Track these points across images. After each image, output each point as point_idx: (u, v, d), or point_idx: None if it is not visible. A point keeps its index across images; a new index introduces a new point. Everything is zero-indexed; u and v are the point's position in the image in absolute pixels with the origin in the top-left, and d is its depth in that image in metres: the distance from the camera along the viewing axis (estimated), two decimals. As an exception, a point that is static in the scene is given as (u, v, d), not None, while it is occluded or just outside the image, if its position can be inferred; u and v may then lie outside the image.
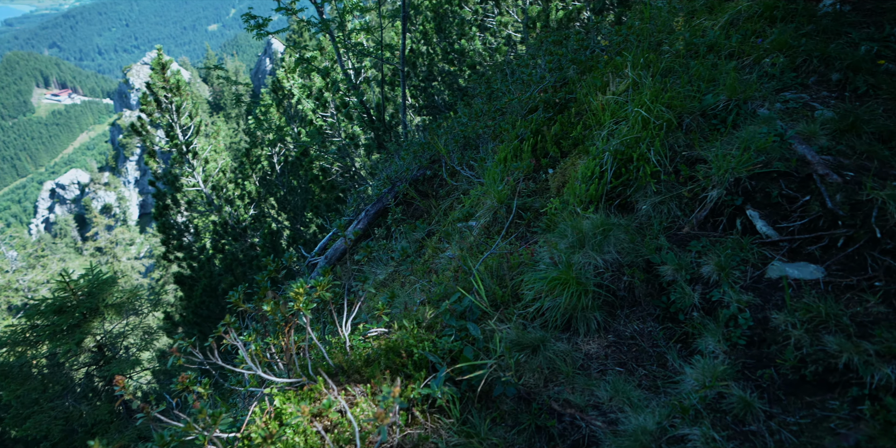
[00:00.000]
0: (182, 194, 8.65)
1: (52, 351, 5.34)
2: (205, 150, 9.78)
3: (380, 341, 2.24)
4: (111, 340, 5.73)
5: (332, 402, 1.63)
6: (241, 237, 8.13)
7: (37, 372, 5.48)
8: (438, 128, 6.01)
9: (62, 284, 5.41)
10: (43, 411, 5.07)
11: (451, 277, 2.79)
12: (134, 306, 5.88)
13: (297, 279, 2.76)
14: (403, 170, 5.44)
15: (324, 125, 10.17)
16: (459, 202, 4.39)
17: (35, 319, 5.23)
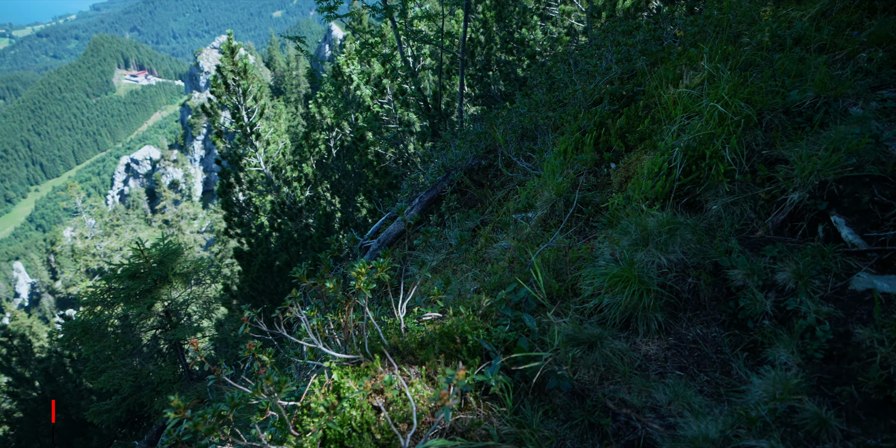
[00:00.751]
0: (245, 173, 9.05)
1: (126, 313, 5.80)
2: (267, 132, 10.16)
3: (434, 326, 2.27)
4: (176, 307, 6.13)
5: (393, 379, 1.67)
6: (297, 218, 8.43)
7: (111, 331, 5.97)
8: (496, 118, 5.94)
9: (137, 252, 5.83)
10: (115, 367, 5.54)
11: (505, 268, 2.78)
12: (198, 276, 6.26)
13: (358, 260, 2.83)
14: (459, 158, 5.43)
15: (380, 111, 10.31)
16: (514, 193, 4.34)
17: (112, 282, 5.68)
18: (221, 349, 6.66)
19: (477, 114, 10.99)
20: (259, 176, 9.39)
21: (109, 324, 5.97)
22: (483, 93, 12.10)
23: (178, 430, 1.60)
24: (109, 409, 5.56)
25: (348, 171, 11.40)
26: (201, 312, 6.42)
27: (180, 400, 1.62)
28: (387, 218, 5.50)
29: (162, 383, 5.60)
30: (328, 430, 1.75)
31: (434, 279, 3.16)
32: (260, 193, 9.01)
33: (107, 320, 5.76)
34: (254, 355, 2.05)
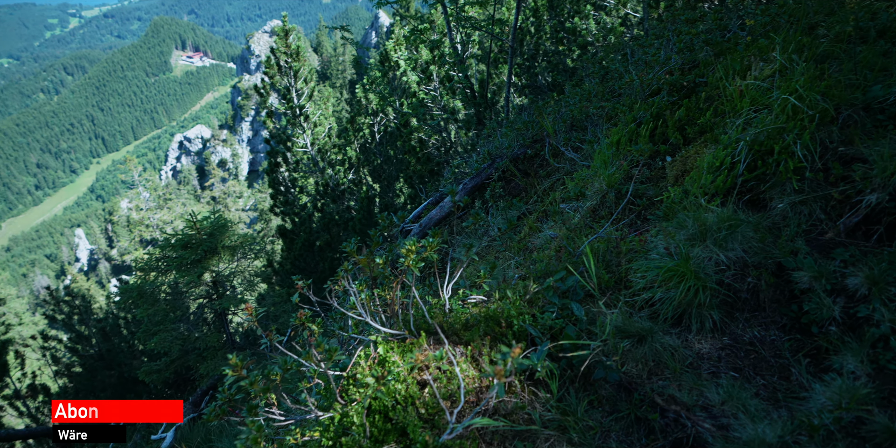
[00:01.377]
0: (292, 154, 9.26)
1: (176, 281, 6.10)
2: (314, 114, 10.33)
3: (478, 308, 2.26)
4: (223, 278, 6.39)
5: (443, 355, 1.67)
6: (339, 199, 8.57)
7: (163, 297, 6.30)
8: (545, 107, 5.81)
9: (190, 223, 6.08)
10: (166, 331, 5.85)
11: (552, 256, 2.72)
12: (244, 251, 6.49)
13: (399, 242, 2.85)
14: (505, 146, 5.35)
15: (426, 98, 10.29)
16: (561, 184, 4.25)
17: (166, 251, 5.97)
18: (263, 322, 6.89)
19: (522, 104, 10.81)
20: (305, 157, 9.58)
21: (161, 290, 6.30)
22: (529, 83, 11.87)
23: (232, 388, 1.66)
24: (159, 369, 5.91)
25: (390, 156, 11.47)
26: (245, 285, 6.67)
27: (238, 359, 1.67)
28: (429, 203, 5.51)
29: (207, 349, 5.89)
30: (374, 400, 1.77)
31: (478, 263, 3.15)
32: (305, 174, 9.21)
33: (159, 286, 6.10)
34: (304, 324, 2.10)
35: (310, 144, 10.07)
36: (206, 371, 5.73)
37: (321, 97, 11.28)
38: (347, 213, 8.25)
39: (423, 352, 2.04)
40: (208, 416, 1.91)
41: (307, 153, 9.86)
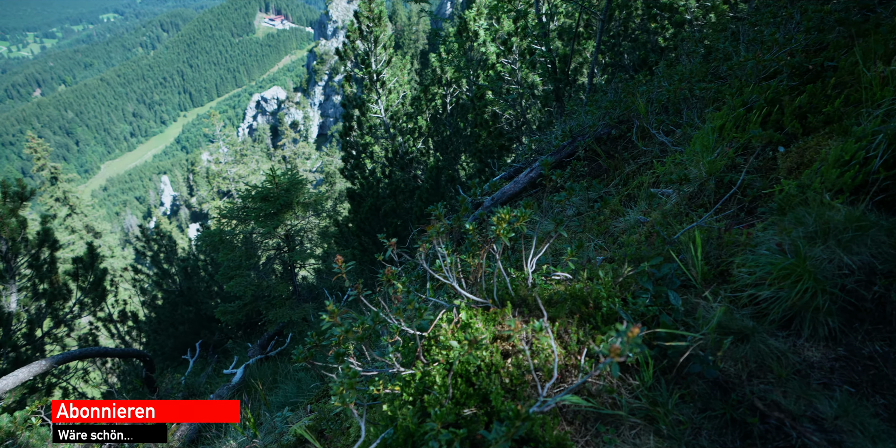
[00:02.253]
0: (365, 119, 9.35)
1: (253, 230, 6.43)
2: (391, 81, 10.31)
3: (562, 286, 2.17)
4: (294, 233, 6.66)
5: (542, 326, 1.61)
6: (406, 168, 8.61)
7: (240, 244, 6.68)
8: (637, 85, 5.43)
9: (269, 177, 6.33)
10: (241, 276, 6.24)
11: (640, 241, 2.56)
12: (315, 209, 6.70)
13: (469, 214, 2.78)
14: (588, 125, 5.08)
15: (503, 71, 9.96)
16: (648, 168, 3.98)
17: (247, 202, 6.28)
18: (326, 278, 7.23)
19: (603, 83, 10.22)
20: (378, 122, 9.65)
21: (239, 239, 6.68)
22: (614, 61, 11.18)
23: (326, 334, 1.69)
24: (233, 310, 6.35)
25: (459, 128, 11.32)
26: (314, 241, 6.94)
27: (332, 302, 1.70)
28: (501, 177, 5.39)
29: (275, 298, 6.25)
30: (457, 364, 1.76)
31: (562, 241, 3.04)
32: (376, 139, 9.29)
33: (237, 235, 6.46)
34: (389, 280, 2.11)
35: (383, 111, 10.11)
36: (274, 317, 6.09)
37: (399, 64, 11.21)
38: (413, 182, 8.28)
39: (503, 322, 2.00)
40: (296, 358, 1.98)
41: (380, 119, 9.92)
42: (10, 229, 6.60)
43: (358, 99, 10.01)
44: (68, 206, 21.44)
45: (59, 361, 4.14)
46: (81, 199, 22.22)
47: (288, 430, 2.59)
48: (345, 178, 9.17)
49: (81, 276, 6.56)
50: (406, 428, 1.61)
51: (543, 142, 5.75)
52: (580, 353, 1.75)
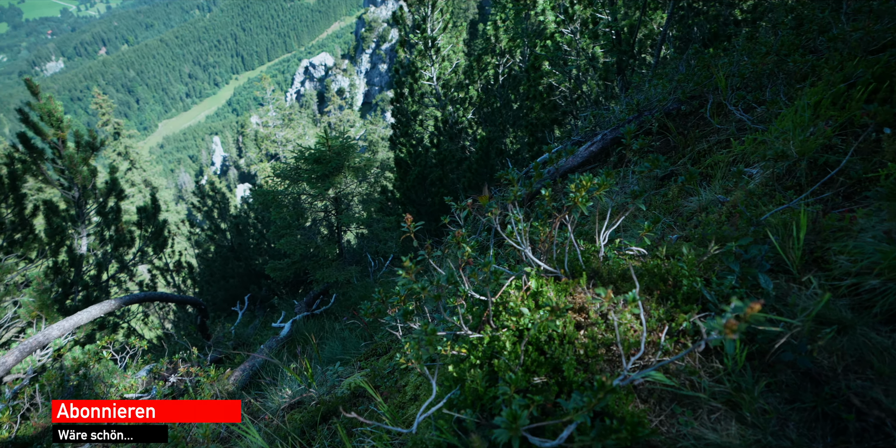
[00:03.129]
0: (417, 86, 9.17)
1: (304, 191, 6.53)
2: (445, 48, 10.02)
3: (637, 261, 2.05)
4: (343, 196, 6.72)
5: (634, 297, 1.51)
6: (455, 138, 8.45)
7: (291, 204, 6.81)
8: (713, 58, 5.02)
9: (322, 140, 6.35)
10: (291, 235, 6.39)
11: (720, 221, 2.39)
12: (365, 174, 6.71)
13: (519, 186, 2.65)
14: (656, 99, 4.77)
15: (562, 41, 9.48)
16: (723, 146, 3.70)
17: (300, 163, 6.35)
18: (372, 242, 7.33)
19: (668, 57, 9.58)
20: (429, 90, 9.45)
21: (290, 199, 6.80)
22: (682, 34, 10.43)
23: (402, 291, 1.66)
24: (282, 267, 6.56)
25: (510, 100, 10.98)
26: (363, 206, 6.99)
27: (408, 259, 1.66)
28: (557, 151, 5.18)
29: (322, 259, 6.38)
30: (527, 331, 1.70)
31: (634, 215, 2.89)
32: (427, 107, 9.13)
33: (288, 195, 6.58)
34: (459, 242, 2.05)
35: (435, 79, 9.89)
36: (321, 277, 6.25)
37: (454, 31, 10.86)
38: (461, 152, 8.14)
39: (574, 293, 1.91)
40: (364, 312, 1.97)
41: (432, 87, 9.72)
42: (83, 177, 6.96)
43: (411, 65, 9.82)
44: (129, 161, 22.54)
45: (126, 302, 4.39)
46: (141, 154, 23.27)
47: (340, 384, 2.63)
48: (392, 145, 9.12)
49: (144, 226, 6.90)
50: (475, 390, 1.58)
51: (604, 115, 5.46)
52: (660, 331, 1.65)
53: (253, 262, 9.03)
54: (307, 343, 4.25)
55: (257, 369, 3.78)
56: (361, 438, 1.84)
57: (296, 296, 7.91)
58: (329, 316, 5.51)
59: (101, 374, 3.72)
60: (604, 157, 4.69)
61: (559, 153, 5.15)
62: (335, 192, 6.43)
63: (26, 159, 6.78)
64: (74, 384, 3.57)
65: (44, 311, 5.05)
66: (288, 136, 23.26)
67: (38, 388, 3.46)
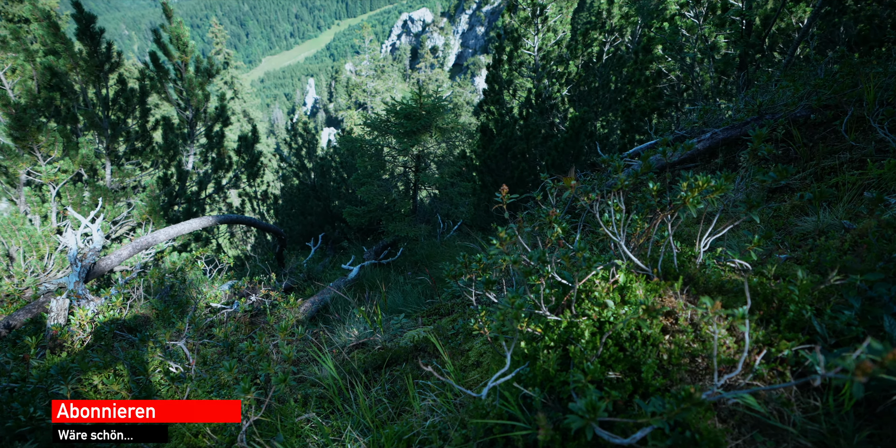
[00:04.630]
0: (517, 54, 8.78)
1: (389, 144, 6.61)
2: (553, 18, 9.46)
3: (737, 274, 1.89)
4: (426, 155, 6.73)
5: (744, 313, 1.40)
6: (546, 113, 8.10)
7: (374, 155, 6.95)
8: (863, 65, 4.34)
9: (415, 96, 6.32)
10: (371, 184, 6.55)
11: (842, 249, 2.13)
12: (450, 136, 6.65)
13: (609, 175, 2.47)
14: (782, 103, 4.25)
15: (681, 25, 8.62)
16: (856, 167, 3.26)
17: (390, 116, 6.39)
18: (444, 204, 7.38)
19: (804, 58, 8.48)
20: (528, 60, 9.04)
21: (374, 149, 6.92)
22: (824, 33, 9.12)
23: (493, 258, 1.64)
24: (358, 214, 6.80)
25: (610, 81, 10.30)
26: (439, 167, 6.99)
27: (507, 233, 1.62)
28: (653, 143, 4.82)
29: (396, 212, 6.53)
30: (609, 324, 1.64)
31: (744, 226, 2.66)
32: (522, 77, 8.77)
33: (375, 145, 6.70)
34: (550, 223, 1.98)
35: (536, 49, 9.42)
36: (392, 230, 6.41)
37: (566, 2, 10.20)
38: (549, 129, 7.81)
39: (663, 296, 1.81)
40: (447, 274, 1.98)
41: (532, 57, 9.28)
42: (198, 100, 7.44)
43: (514, 31, 9.39)
44: (233, 90, 23.85)
45: (221, 221, 4.75)
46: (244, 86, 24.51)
47: (403, 335, 2.71)
48: (479, 110, 8.92)
49: (242, 153, 7.34)
50: (545, 371, 1.56)
51: (716, 112, 4.97)
52: (757, 353, 1.53)
53: (331, 204, 9.41)
54: (373, 289, 4.43)
55: (326, 303, 4.01)
56: (422, 391, 1.90)
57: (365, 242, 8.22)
58: (394, 268, 5.69)
59: (193, 280, 4.09)
60: (708, 157, 4.30)
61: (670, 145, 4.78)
62: (418, 150, 6.45)
63: (153, 77, 7.32)
64: (170, 284, 3.97)
65: (152, 215, 5.59)
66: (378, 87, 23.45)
67: (142, 282, 3.86)
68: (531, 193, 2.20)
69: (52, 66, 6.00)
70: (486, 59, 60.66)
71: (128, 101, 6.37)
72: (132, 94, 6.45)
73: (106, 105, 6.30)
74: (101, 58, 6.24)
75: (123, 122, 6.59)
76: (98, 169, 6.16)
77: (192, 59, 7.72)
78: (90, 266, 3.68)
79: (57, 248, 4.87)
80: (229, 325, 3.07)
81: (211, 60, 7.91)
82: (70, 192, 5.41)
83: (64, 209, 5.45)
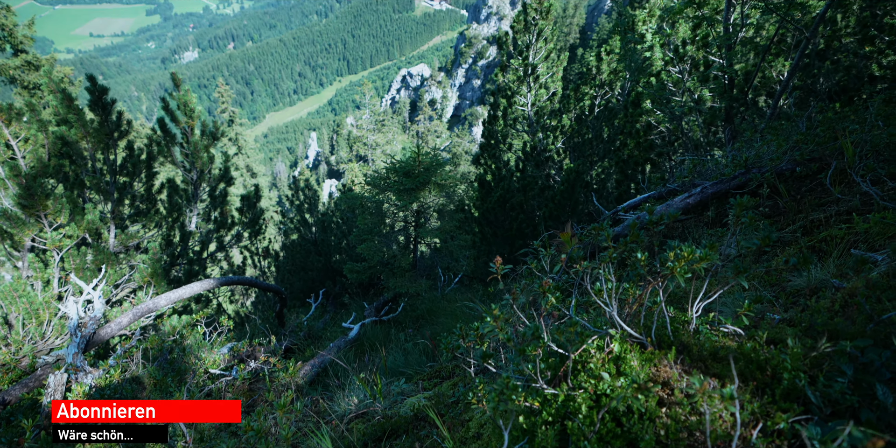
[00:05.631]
0: (511, 110, 9.27)
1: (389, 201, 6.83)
2: (544, 76, 10.06)
3: (731, 340, 1.94)
4: (425, 209, 6.94)
5: (732, 394, 1.45)
6: (542, 165, 8.42)
7: (374, 210, 7.16)
8: (840, 120, 4.61)
9: (413, 155, 6.62)
10: (371, 240, 6.70)
11: (833, 310, 2.19)
12: (448, 191, 6.89)
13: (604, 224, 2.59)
14: (768, 157, 4.47)
15: (668, 80, 9.17)
16: (844, 221, 3.38)
17: (390, 174, 6.67)
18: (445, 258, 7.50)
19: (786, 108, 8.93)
20: (522, 115, 9.52)
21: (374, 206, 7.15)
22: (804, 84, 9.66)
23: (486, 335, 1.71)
24: (359, 270, 6.90)
25: (602, 132, 10.76)
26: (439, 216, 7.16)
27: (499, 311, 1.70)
28: (649, 196, 5.00)
29: (397, 268, 6.63)
30: (606, 397, 1.68)
31: (736, 289, 2.74)
32: (517, 132, 9.20)
33: (375, 201, 6.92)
34: (544, 293, 2.06)
35: (530, 105, 9.95)
36: (393, 286, 6.48)
37: (556, 61, 10.89)
38: (545, 180, 8.09)
39: (659, 366, 1.85)
40: (444, 346, 2.04)
41: (525, 112, 9.78)
42: (202, 162, 7.79)
43: (508, 89, 9.96)
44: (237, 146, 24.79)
45: (222, 283, 4.83)
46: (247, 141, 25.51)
47: (403, 402, 2.71)
48: (477, 163, 9.28)
49: (245, 212, 7.57)
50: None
51: (706, 164, 5.20)
52: (753, 427, 1.56)
53: (332, 259, 9.54)
54: (373, 350, 4.42)
55: (326, 366, 3.99)
56: (424, 468, 1.90)
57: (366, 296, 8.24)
58: (395, 324, 5.69)
59: (192, 345, 4.11)
60: (700, 210, 4.46)
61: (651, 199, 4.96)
62: (417, 205, 6.66)
63: (161, 142, 7.71)
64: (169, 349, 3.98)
65: (154, 278, 5.68)
66: (378, 140, 24.40)
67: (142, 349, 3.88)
68: (529, 248, 2.30)
69: (63, 136, 6.36)
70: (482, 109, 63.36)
71: (135, 166, 6.68)
72: (139, 159, 6.78)
73: (113, 171, 6.60)
74: (112, 126, 6.63)
75: (130, 186, 6.86)
76: (102, 232, 6.34)
77: (199, 124, 8.16)
78: (90, 335, 3.72)
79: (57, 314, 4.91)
80: (227, 397, 3.06)
81: (217, 124, 8.35)
82: (74, 257, 5.54)
83: (66, 274, 5.55)
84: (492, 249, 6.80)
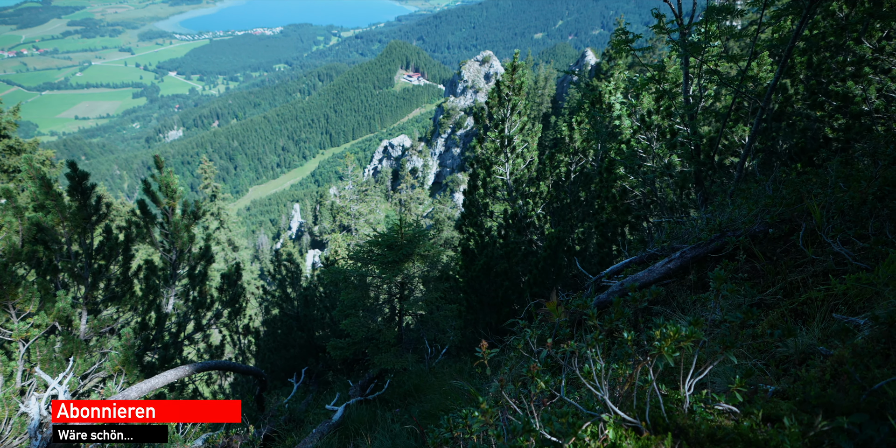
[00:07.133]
0: (490, 180, 9.67)
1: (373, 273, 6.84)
2: (520, 146, 10.65)
3: (727, 418, 1.92)
4: (409, 280, 6.93)
5: None
6: (523, 231, 8.64)
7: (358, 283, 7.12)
8: (806, 183, 4.93)
9: (396, 228, 6.76)
10: (355, 316, 6.59)
11: (824, 380, 2.20)
12: (432, 261, 6.95)
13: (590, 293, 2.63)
14: (741, 221, 4.69)
15: (637, 147, 9.78)
16: (821, 281, 3.49)
17: (373, 247, 6.74)
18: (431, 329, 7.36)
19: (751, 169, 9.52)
20: (501, 184, 9.92)
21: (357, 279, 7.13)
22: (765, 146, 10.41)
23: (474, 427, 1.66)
24: (343, 347, 6.68)
25: (579, 197, 11.19)
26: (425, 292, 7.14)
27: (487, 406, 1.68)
28: (632, 261, 5.12)
29: (382, 342, 6.45)
30: (606, 495, 1.61)
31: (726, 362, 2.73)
32: (497, 200, 9.53)
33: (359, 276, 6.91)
34: (532, 377, 2.04)
35: (508, 174, 10.40)
36: (378, 362, 6.27)
37: (531, 132, 11.60)
38: (528, 246, 8.26)
39: (658, 452, 1.80)
40: (431, 441, 1.97)
41: (503, 181, 10.19)
42: (182, 242, 7.78)
43: (486, 160, 10.45)
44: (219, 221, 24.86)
45: (198, 369, 4.62)
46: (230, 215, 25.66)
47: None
48: (460, 230, 9.45)
49: (225, 291, 7.44)
50: None
51: (683, 228, 5.41)
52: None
53: (314, 335, 9.25)
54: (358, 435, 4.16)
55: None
56: None
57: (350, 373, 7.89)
58: (381, 403, 5.40)
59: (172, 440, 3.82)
60: (682, 274, 4.56)
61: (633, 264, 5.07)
62: (402, 277, 6.66)
63: (140, 224, 7.74)
64: None
65: (125, 366, 5.41)
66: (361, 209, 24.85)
67: None
68: (516, 318, 2.30)
69: (39, 221, 6.36)
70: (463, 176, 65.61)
71: (112, 249, 6.64)
72: (116, 242, 6.75)
73: (89, 254, 6.53)
74: (90, 210, 6.67)
75: (105, 269, 6.76)
76: (73, 319, 6.12)
77: (180, 204, 8.27)
78: (50, 438, 3.45)
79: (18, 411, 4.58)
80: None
81: (198, 203, 8.47)
82: (41, 347, 5.28)
83: (31, 367, 5.26)
84: (478, 318, 6.72)
